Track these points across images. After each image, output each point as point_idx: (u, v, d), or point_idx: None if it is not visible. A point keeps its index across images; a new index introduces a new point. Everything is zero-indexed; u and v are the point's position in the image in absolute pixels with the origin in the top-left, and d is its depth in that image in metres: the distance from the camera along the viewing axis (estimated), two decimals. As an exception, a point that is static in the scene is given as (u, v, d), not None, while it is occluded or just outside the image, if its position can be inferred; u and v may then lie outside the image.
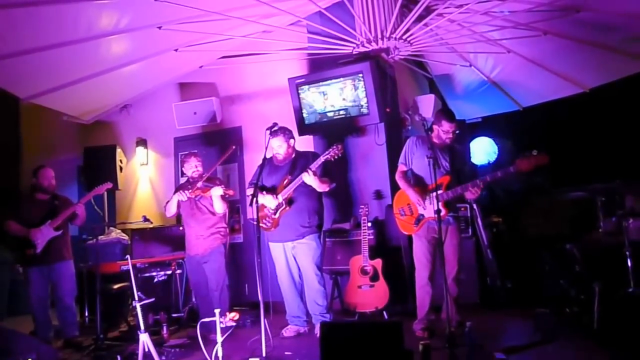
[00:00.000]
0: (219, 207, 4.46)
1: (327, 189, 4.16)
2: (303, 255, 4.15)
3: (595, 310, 3.52)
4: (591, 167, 5.96)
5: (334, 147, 4.00)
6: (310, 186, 4.05)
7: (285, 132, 4.18)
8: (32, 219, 4.55)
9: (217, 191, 4.35)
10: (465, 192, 3.77)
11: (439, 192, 3.70)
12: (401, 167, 4.05)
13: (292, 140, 4.22)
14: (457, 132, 3.95)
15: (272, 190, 4.16)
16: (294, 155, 4.25)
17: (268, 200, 4.12)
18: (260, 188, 4.14)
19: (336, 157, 4.00)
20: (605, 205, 4.29)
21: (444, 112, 4.07)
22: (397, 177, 4.05)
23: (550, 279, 4.32)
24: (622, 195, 4.45)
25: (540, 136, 6.50)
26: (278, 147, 4.16)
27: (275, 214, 4.13)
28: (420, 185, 3.92)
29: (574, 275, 4.08)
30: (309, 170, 3.96)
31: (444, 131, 3.90)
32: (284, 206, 4.11)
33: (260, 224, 4.12)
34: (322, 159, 4.00)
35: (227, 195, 4.41)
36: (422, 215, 3.89)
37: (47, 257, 4.53)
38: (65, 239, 4.69)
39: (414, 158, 3.99)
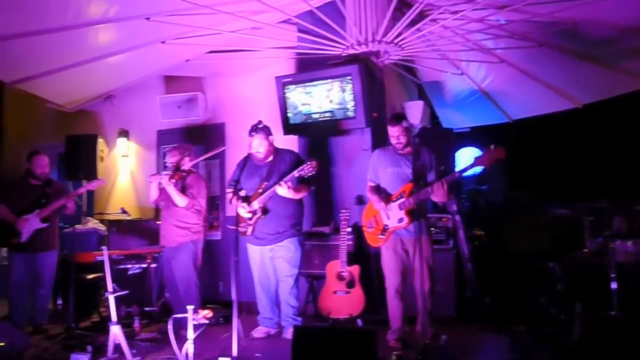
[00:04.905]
0: (177, 199, 4.38)
1: (305, 194, 4.14)
2: (281, 258, 4.12)
3: (575, 331, 3.43)
4: (578, 184, 5.89)
5: (308, 163, 3.93)
6: None
7: (264, 130, 4.11)
8: (23, 204, 4.51)
9: (163, 180, 4.32)
10: (429, 195, 3.64)
11: (401, 200, 3.68)
12: (369, 184, 3.99)
13: (271, 137, 4.16)
14: (407, 135, 3.79)
15: (246, 199, 4.07)
16: (273, 155, 4.18)
17: (241, 211, 4.09)
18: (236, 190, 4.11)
19: (309, 174, 3.93)
20: (592, 224, 4.22)
21: (391, 116, 3.99)
22: (367, 191, 4.01)
23: (530, 296, 4.23)
24: (610, 215, 4.38)
25: (529, 150, 6.45)
26: (258, 146, 4.08)
27: (250, 220, 4.09)
28: (385, 197, 3.84)
29: (555, 294, 3.99)
30: (282, 184, 3.91)
31: (391, 136, 3.82)
32: (259, 214, 4.06)
33: (239, 227, 4.10)
34: (295, 174, 3.94)
35: (170, 184, 4.31)
36: (387, 225, 3.80)
37: (31, 247, 4.51)
38: (52, 228, 4.66)
39: (378, 171, 3.93)
